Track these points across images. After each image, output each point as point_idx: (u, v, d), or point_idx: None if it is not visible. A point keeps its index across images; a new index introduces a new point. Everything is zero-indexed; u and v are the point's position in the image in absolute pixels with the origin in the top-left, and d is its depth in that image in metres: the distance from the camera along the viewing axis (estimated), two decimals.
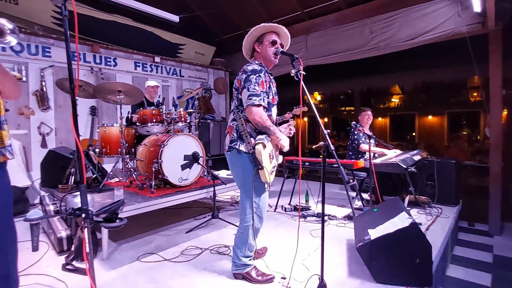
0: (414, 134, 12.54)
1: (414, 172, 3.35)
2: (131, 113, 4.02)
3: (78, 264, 2.37)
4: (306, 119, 12.98)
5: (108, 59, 5.18)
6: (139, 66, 5.65)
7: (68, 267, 2.33)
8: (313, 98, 11.65)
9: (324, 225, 3.21)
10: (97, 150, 3.55)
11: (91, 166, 3.51)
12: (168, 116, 3.51)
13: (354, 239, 2.66)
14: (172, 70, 6.21)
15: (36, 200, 4.16)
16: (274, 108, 2.15)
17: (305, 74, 1.91)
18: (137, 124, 3.55)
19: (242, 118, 2.05)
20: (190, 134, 3.55)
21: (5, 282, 1.29)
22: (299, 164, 3.82)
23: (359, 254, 2.14)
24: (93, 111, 4.85)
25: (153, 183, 3.06)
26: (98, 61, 5.05)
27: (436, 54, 6.00)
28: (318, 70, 5.84)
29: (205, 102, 6.56)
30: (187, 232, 3.10)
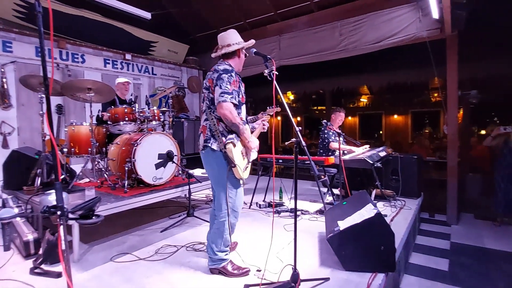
0: (381, 132, 13.18)
1: (380, 168, 3.56)
2: (101, 111, 3.91)
3: (47, 267, 2.30)
4: (280, 118, 13.19)
5: (76, 56, 4.98)
6: (109, 63, 5.48)
7: (36, 270, 2.25)
8: (286, 97, 11.86)
9: (297, 219, 3.34)
10: (65, 150, 3.42)
11: None
12: (141, 114, 3.46)
13: (325, 231, 2.80)
14: (144, 67, 6.08)
15: None
16: (243, 107, 2.24)
17: (278, 74, 2.00)
18: (108, 122, 3.46)
19: (214, 117, 2.10)
20: (164, 132, 3.53)
21: None
22: (272, 161, 3.92)
23: (330, 245, 2.26)
24: (59, 110, 4.66)
25: (126, 183, 3.01)
26: (64, 57, 4.84)
27: (400, 57, 6.35)
28: (291, 70, 5.98)
29: (178, 100, 6.49)
30: (162, 231, 3.09)
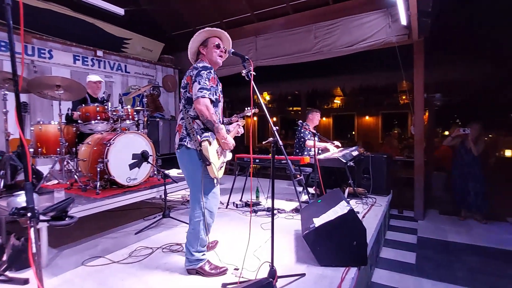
0: (354, 133, 13.65)
1: (353, 166, 3.70)
2: (71, 109, 3.74)
3: (12, 274, 2.18)
4: (256, 119, 13.27)
5: (42, 51, 4.72)
6: (78, 60, 5.25)
7: (0, 278, 2.12)
8: (262, 98, 11.93)
9: (275, 218, 3.39)
10: (31, 151, 3.24)
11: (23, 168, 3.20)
12: (114, 113, 3.36)
13: (301, 229, 2.87)
14: (116, 65, 5.88)
15: None
16: (220, 105, 2.25)
17: (255, 74, 2.03)
18: (78, 121, 3.33)
19: (189, 116, 2.10)
20: (139, 132, 3.44)
21: None
22: (249, 161, 3.95)
23: (305, 241, 2.32)
24: (24, 108, 4.40)
25: (98, 184, 2.91)
26: (30, 52, 4.58)
27: (372, 60, 6.62)
28: (267, 71, 6.05)
29: (153, 100, 6.35)
30: (136, 233, 3.01)
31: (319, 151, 4.39)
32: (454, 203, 4.74)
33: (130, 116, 3.52)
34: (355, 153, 4.12)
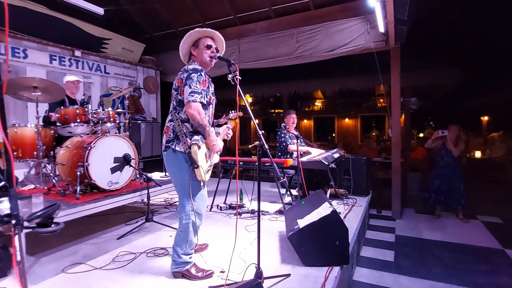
0: (334, 135, 13.97)
1: (334, 168, 3.80)
2: (49, 111, 3.61)
3: None
4: (238, 121, 13.28)
5: (17, 50, 4.53)
6: (55, 60, 5.07)
7: None
8: (238, 100, 11.96)
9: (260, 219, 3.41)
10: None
11: None
12: (94, 116, 3.28)
13: (285, 231, 2.92)
14: (95, 66, 5.72)
15: None
16: (211, 107, 2.25)
17: (241, 79, 2.06)
18: (57, 124, 3.22)
19: (179, 119, 2.10)
20: (121, 135, 3.38)
21: None
22: (233, 164, 3.97)
23: (290, 242, 2.38)
24: None
25: (78, 189, 2.83)
26: (2, 51, 4.38)
27: (351, 65, 6.83)
28: (249, 73, 6.09)
29: (134, 101, 6.23)
30: (118, 238, 2.95)
31: (301, 153, 4.47)
32: (430, 202, 4.94)
33: (111, 119, 3.44)
34: (336, 155, 4.24)
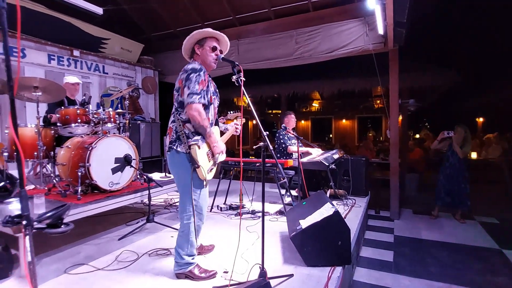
0: (331, 135, 14.04)
1: (334, 169, 3.83)
2: (48, 111, 3.60)
3: None
4: (243, 121, 13.32)
5: (15, 49, 4.48)
6: (53, 59, 5.04)
7: None
8: (242, 101, 11.99)
9: (260, 221, 3.44)
10: (5, 155, 3.08)
11: None
12: (95, 116, 3.27)
13: (286, 231, 2.93)
14: (94, 65, 5.70)
15: None
16: (212, 107, 2.22)
17: (245, 80, 2.08)
18: (57, 124, 3.20)
19: (180, 120, 2.10)
20: (122, 135, 3.37)
21: None
22: (233, 164, 3.98)
23: (293, 243, 2.39)
24: None
25: (79, 189, 2.82)
26: (0, 50, 4.33)
27: (349, 66, 6.88)
28: (248, 74, 6.07)
29: (132, 102, 6.20)
30: (120, 239, 2.94)
31: (301, 154, 4.49)
32: (429, 203, 4.91)
33: (112, 119, 3.44)
34: (336, 156, 4.27)
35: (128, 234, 3.02)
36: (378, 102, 11.96)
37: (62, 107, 3.21)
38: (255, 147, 2.59)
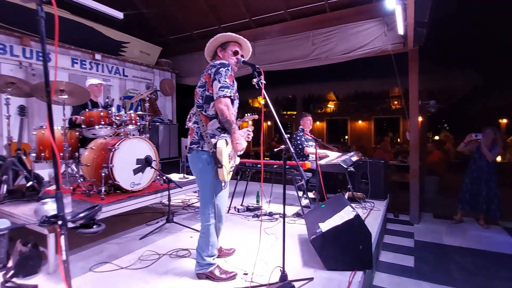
0: (346, 137, 13.86)
1: (353, 172, 3.78)
2: (72, 114, 3.72)
3: (20, 280, 2.17)
4: (251, 123, 13.34)
5: (41, 54, 4.66)
6: (77, 63, 5.21)
7: (8, 284, 2.11)
8: (257, 102, 12.02)
9: (277, 223, 3.44)
10: (33, 155, 3.21)
11: (25, 172, 3.17)
12: (117, 118, 3.36)
13: (304, 234, 2.93)
14: (114, 69, 5.85)
15: None
16: (236, 104, 2.25)
17: (265, 83, 2.09)
18: (82, 126, 3.31)
19: (206, 117, 2.12)
20: (142, 137, 3.45)
21: None
22: (250, 166, 4.00)
23: (312, 246, 2.38)
24: (21, 111, 4.35)
25: (102, 189, 2.91)
26: (28, 55, 4.53)
27: (366, 67, 6.78)
28: (264, 75, 6.11)
29: (151, 103, 6.32)
30: (141, 239, 3.01)
31: (318, 156, 4.46)
32: (450, 206, 4.74)
33: (133, 121, 3.52)
34: (354, 158, 4.22)
35: (148, 234, 3.09)
36: (396, 103, 11.73)
37: (87, 110, 3.32)
38: (276, 150, 2.59)
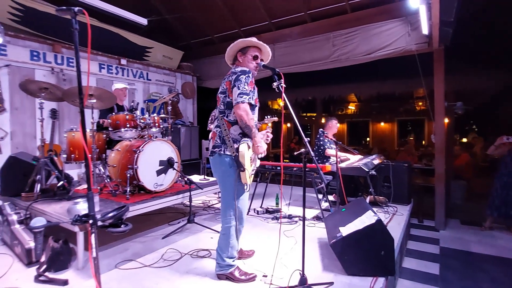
0: (368, 139, 13.54)
1: (374, 175, 3.71)
2: (99, 117, 3.90)
3: (51, 275, 2.29)
4: (270, 125, 13.35)
5: (71, 60, 4.93)
6: (103, 68, 5.45)
7: (41, 278, 2.24)
8: (276, 104, 12.03)
9: (297, 225, 3.44)
10: (64, 156, 3.39)
11: (57, 172, 3.35)
12: (142, 121, 3.49)
13: (324, 237, 2.90)
14: (139, 73, 6.07)
15: None
16: (256, 109, 2.29)
17: (285, 86, 2.10)
18: (109, 129, 3.47)
19: (227, 122, 2.17)
20: (165, 139, 3.56)
21: None
22: (270, 168, 4.01)
23: (333, 250, 2.36)
24: (53, 114, 4.59)
25: (128, 189, 3.03)
26: (59, 61, 4.79)
27: (388, 67, 6.62)
28: (284, 77, 6.11)
29: (172, 106, 6.50)
30: (163, 238, 3.10)
31: (339, 159, 4.40)
32: (488, 211, 4.52)
33: (157, 124, 3.64)
34: (376, 161, 4.13)
35: (171, 233, 3.17)
36: (420, 104, 11.33)
37: (113, 113, 3.47)
38: (295, 153, 2.59)
